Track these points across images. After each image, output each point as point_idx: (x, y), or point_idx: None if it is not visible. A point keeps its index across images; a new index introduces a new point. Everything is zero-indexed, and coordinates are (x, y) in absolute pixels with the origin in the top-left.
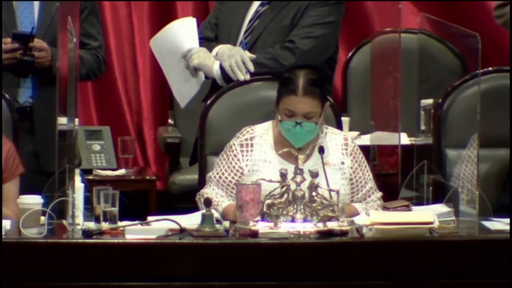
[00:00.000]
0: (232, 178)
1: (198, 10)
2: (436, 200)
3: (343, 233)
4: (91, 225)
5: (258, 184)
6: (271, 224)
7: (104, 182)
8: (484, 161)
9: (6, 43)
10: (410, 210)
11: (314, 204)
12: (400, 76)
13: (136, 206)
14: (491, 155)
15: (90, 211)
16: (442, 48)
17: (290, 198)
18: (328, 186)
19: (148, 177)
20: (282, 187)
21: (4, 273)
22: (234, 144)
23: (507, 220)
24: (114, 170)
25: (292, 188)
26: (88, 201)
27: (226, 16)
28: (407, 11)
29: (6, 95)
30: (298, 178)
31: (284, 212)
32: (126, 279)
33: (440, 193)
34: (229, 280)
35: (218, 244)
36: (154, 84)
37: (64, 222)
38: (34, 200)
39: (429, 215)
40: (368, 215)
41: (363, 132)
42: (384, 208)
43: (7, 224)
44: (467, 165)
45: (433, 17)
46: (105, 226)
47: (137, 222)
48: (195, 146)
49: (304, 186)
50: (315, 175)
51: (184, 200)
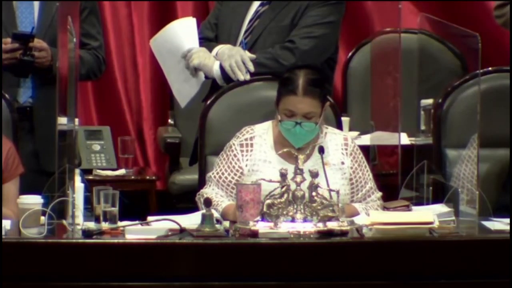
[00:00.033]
0: (232, 178)
1: (198, 10)
2: (436, 200)
3: (343, 233)
4: (91, 225)
5: (258, 184)
6: (271, 224)
7: (104, 182)
8: (484, 161)
9: (6, 43)
10: (410, 210)
11: (314, 204)
12: (400, 76)
13: (136, 206)
14: (491, 155)
15: (90, 211)
16: (442, 48)
17: (290, 198)
18: (328, 186)
19: (148, 177)
20: (282, 187)
21: (4, 273)
22: (234, 144)
23: (507, 220)
24: (114, 170)
25: (292, 188)
26: (88, 201)
27: (226, 16)
28: (407, 11)
29: (6, 95)
30: (298, 178)
31: (284, 212)
32: (126, 279)
33: (440, 193)
34: (229, 280)
35: (218, 244)
36: (154, 84)
37: (64, 222)
38: (34, 200)
39: (429, 215)
40: (368, 215)
41: (363, 132)
42: (384, 208)
43: (7, 224)
44: (467, 165)
45: (433, 17)
46: (105, 226)
47: (137, 222)
48: (195, 146)
49: (304, 186)
50: (315, 175)
51: (184, 200)
